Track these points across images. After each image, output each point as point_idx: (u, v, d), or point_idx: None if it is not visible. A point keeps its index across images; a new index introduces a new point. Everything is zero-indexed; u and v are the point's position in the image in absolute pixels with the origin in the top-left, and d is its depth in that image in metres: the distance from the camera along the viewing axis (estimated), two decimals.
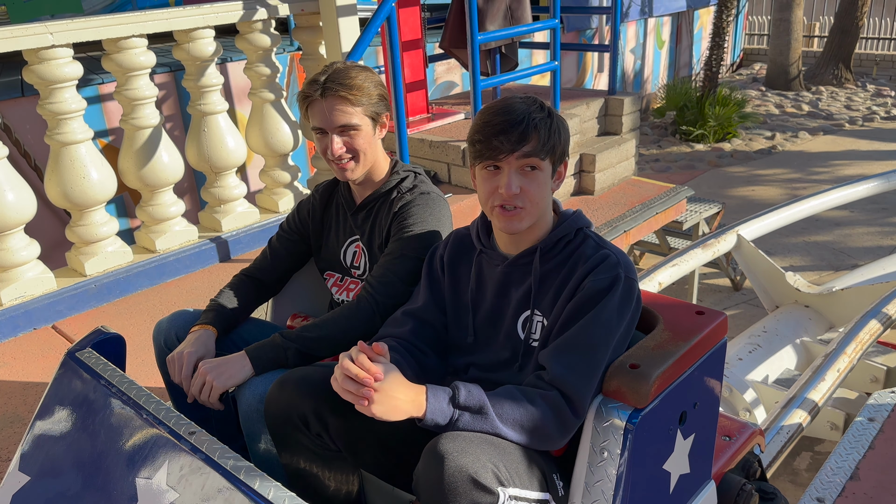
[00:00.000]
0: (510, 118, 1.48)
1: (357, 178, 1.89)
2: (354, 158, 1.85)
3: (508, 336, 1.62)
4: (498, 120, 1.49)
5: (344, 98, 1.78)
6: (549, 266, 1.58)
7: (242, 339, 1.90)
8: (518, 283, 1.61)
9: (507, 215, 1.53)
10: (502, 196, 1.50)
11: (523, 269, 1.61)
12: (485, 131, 1.50)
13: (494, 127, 1.48)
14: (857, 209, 6.54)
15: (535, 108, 1.52)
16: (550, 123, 1.52)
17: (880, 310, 3.27)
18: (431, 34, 6.09)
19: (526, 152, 1.48)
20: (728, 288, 5.49)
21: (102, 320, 3.17)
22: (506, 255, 1.63)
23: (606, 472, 1.44)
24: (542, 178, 1.52)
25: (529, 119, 1.48)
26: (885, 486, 2.20)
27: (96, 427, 1.60)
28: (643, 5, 9.19)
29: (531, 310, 1.59)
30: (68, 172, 3.17)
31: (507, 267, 1.62)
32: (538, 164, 1.51)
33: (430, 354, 1.68)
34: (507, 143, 1.47)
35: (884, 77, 11.58)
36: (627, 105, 4.62)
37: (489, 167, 1.52)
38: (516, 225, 1.54)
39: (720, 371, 1.69)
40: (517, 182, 1.50)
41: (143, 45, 3.28)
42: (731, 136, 8.90)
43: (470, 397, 1.39)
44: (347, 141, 1.82)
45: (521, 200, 1.51)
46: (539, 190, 1.52)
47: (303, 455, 1.61)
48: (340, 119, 1.80)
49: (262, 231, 3.85)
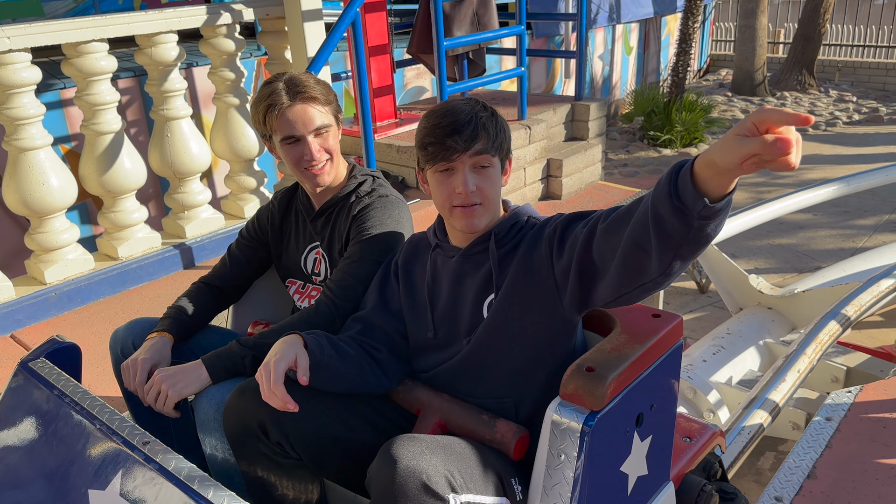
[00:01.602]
0: (459, 118, 1.52)
1: (328, 181, 1.89)
2: (330, 160, 1.86)
3: (470, 324, 1.63)
4: (447, 121, 1.52)
5: (314, 98, 1.80)
6: (504, 250, 1.61)
7: (201, 347, 1.88)
8: (473, 271, 1.63)
9: (466, 213, 1.55)
10: (461, 196, 1.53)
11: (478, 258, 1.63)
12: (436, 133, 1.52)
13: (445, 128, 1.51)
14: (820, 212, 6.66)
15: (478, 107, 1.56)
16: (496, 121, 1.57)
17: (839, 311, 3.33)
18: (400, 39, 6.10)
19: (478, 150, 1.52)
20: (694, 290, 5.55)
21: (62, 329, 3.12)
22: (459, 247, 1.65)
23: (564, 474, 1.44)
24: (493, 174, 1.57)
25: (477, 118, 1.53)
26: (841, 484, 2.24)
27: (49, 438, 1.57)
28: (611, 12, 9.28)
29: (495, 291, 1.59)
30: (26, 179, 3.11)
31: (461, 257, 1.64)
32: (489, 161, 1.55)
33: (381, 349, 1.69)
34: (460, 143, 1.50)
35: (846, 83, 11.82)
36: (593, 111, 4.66)
37: (442, 169, 1.55)
38: (476, 223, 1.57)
39: (677, 373, 1.71)
40: (472, 180, 1.53)
41: (103, 49, 3.24)
42: (697, 140, 9.02)
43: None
44: (321, 142, 1.83)
45: (478, 197, 1.55)
46: (492, 186, 1.57)
47: (262, 464, 1.59)
48: (316, 120, 1.81)
49: (227, 237, 3.82)
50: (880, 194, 6.86)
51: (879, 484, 2.26)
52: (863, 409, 2.64)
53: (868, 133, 9.39)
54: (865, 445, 2.44)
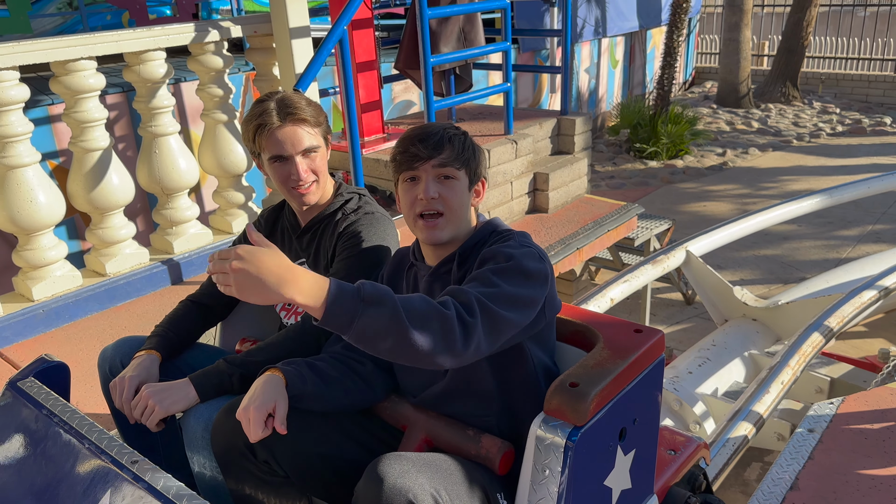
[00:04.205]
0: (427, 130, 1.59)
1: (315, 201, 1.91)
2: (317, 181, 1.88)
3: None
4: (415, 133, 1.59)
5: (304, 120, 1.82)
6: (465, 269, 1.62)
7: (189, 365, 1.89)
8: (439, 290, 1.64)
9: (428, 225, 1.58)
10: (422, 202, 1.57)
11: (444, 278, 1.65)
12: (403, 143, 1.59)
13: (413, 138, 1.58)
14: (805, 223, 6.73)
15: (450, 127, 1.62)
16: (465, 139, 1.62)
17: (822, 322, 3.38)
18: (388, 54, 6.14)
19: (442, 160, 1.56)
20: (681, 302, 5.60)
21: (50, 346, 3.11)
22: (430, 266, 1.68)
23: (548, 489, 1.47)
24: (458, 186, 1.59)
25: (444, 132, 1.59)
26: (822, 495, 2.27)
27: (38, 457, 1.58)
28: (597, 26, 9.38)
29: None
30: (14, 196, 3.12)
31: (430, 276, 1.66)
32: (454, 173, 1.58)
33: (365, 363, 1.70)
34: (423, 150, 1.55)
35: (829, 94, 11.97)
36: (579, 125, 4.71)
37: (407, 178, 1.59)
38: (437, 234, 1.59)
39: (659, 387, 1.73)
40: (434, 188, 1.56)
41: (92, 67, 3.26)
42: (683, 152, 9.11)
43: (376, 290, 1.30)
44: (309, 163, 1.85)
45: (440, 205, 1.57)
46: (456, 197, 1.59)
47: (249, 482, 1.60)
48: (305, 141, 1.83)
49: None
50: (863, 205, 6.95)
51: (860, 494, 2.29)
52: (845, 421, 2.67)
53: (851, 144, 9.51)
54: (847, 456, 2.47)
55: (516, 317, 1.43)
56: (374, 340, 1.28)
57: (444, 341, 1.31)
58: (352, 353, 1.70)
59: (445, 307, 1.35)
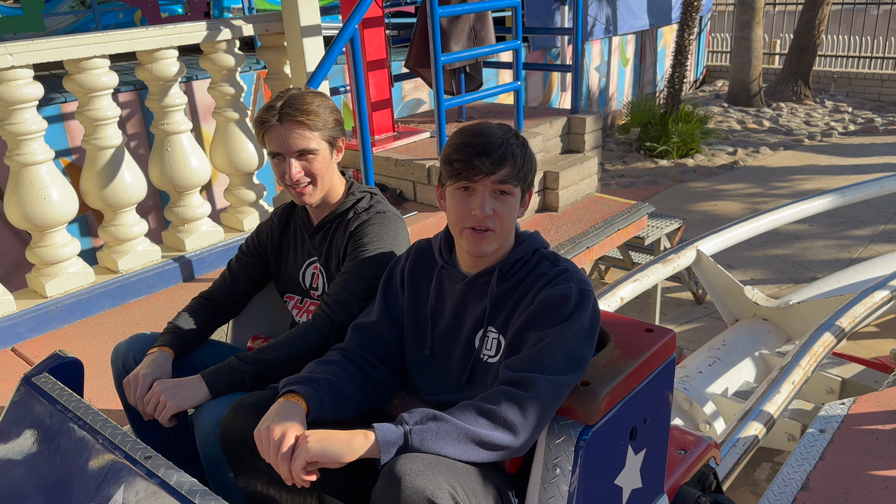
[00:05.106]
0: (489, 141, 1.51)
1: (314, 202, 1.91)
2: (312, 183, 1.87)
3: (464, 351, 1.65)
4: (477, 141, 1.51)
5: (302, 123, 1.81)
6: (505, 286, 1.61)
7: (201, 362, 1.90)
8: (475, 301, 1.64)
9: (476, 238, 1.55)
10: (475, 217, 1.53)
11: (481, 289, 1.64)
12: (464, 151, 1.51)
13: (474, 148, 1.51)
14: (816, 223, 6.70)
15: (511, 135, 1.56)
16: (525, 152, 1.56)
17: (833, 322, 3.36)
18: (398, 53, 6.15)
19: (503, 176, 1.51)
20: (691, 301, 5.59)
21: (63, 342, 3.14)
22: (465, 273, 1.66)
23: (559, 488, 1.47)
24: (512, 203, 1.56)
25: (507, 145, 1.52)
26: (833, 496, 2.26)
27: (52, 452, 1.59)
28: (607, 24, 9.35)
29: (485, 328, 1.62)
30: (28, 194, 3.14)
31: (466, 285, 1.65)
32: (511, 189, 1.54)
33: (378, 367, 1.69)
34: (486, 165, 1.50)
35: (841, 93, 11.89)
36: (589, 123, 4.70)
37: (462, 188, 1.54)
38: (485, 247, 1.56)
39: (670, 386, 1.73)
40: (491, 204, 1.52)
41: (105, 65, 3.28)
42: (694, 151, 9.07)
43: (415, 414, 1.40)
44: (305, 165, 1.85)
45: (493, 222, 1.54)
46: (509, 214, 1.56)
47: (260, 479, 1.61)
48: (299, 144, 1.82)
49: (226, 250, 3.85)
50: (875, 205, 6.91)
51: (872, 496, 2.28)
52: (856, 421, 2.66)
53: (863, 143, 9.45)
54: (858, 457, 2.46)
55: (576, 378, 1.50)
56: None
57: (501, 426, 1.41)
58: (367, 351, 1.69)
59: (493, 393, 1.45)
